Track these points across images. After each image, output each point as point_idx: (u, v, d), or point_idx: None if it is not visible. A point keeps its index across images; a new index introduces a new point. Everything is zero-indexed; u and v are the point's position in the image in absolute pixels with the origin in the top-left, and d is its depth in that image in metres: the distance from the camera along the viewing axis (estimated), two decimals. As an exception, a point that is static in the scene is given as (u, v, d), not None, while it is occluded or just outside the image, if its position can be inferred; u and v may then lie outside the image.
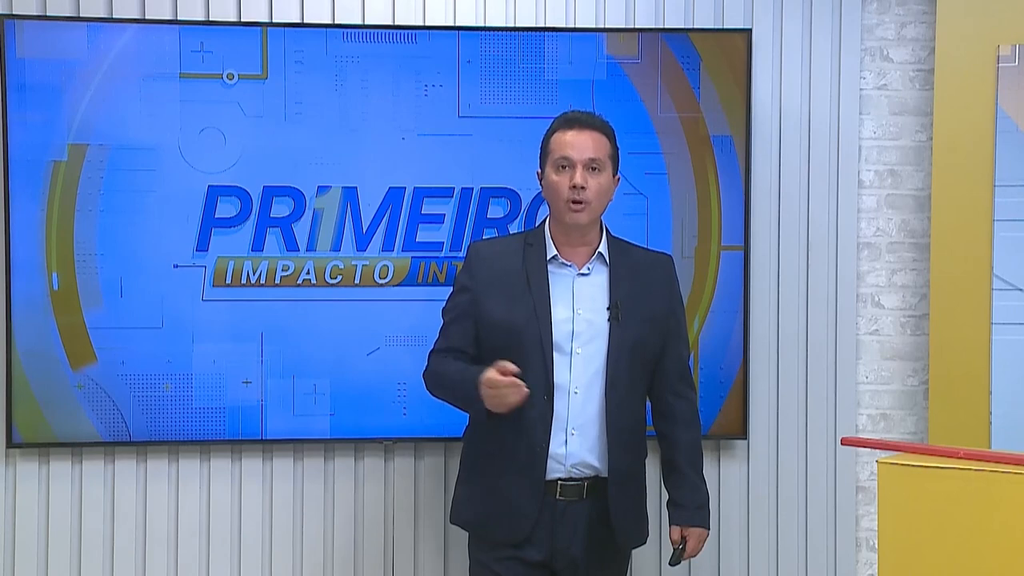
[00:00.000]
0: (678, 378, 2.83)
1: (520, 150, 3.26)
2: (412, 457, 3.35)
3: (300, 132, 3.23)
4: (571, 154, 2.68)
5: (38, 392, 3.17)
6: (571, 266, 2.73)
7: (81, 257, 3.18)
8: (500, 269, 2.74)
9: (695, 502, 2.81)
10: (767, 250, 3.40)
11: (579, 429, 2.68)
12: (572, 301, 2.70)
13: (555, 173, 2.70)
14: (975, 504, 2.01)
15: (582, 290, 2.72)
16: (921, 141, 3.44)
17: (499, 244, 2.88)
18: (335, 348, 3.25)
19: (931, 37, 3.39)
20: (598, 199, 2.70)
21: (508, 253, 2.77)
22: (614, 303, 2.70)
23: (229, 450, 3.29)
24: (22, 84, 3.14)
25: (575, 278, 2.72)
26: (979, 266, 3.21)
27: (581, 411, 2.68)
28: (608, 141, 2.73)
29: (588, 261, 2.73)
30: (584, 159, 2.67)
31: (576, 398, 2.68)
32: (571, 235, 2.73)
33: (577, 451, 2.68)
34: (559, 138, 2.71)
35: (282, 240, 3.24)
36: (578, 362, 2.68)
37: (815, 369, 3.42)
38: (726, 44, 3.32)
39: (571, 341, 2.68)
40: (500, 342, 2.69)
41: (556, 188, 2.69)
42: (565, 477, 2.69)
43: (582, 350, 2.68)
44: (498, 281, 2.73)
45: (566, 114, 2.78)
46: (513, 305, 2.70)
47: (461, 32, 3.26)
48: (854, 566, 3.44)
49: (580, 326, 2.69)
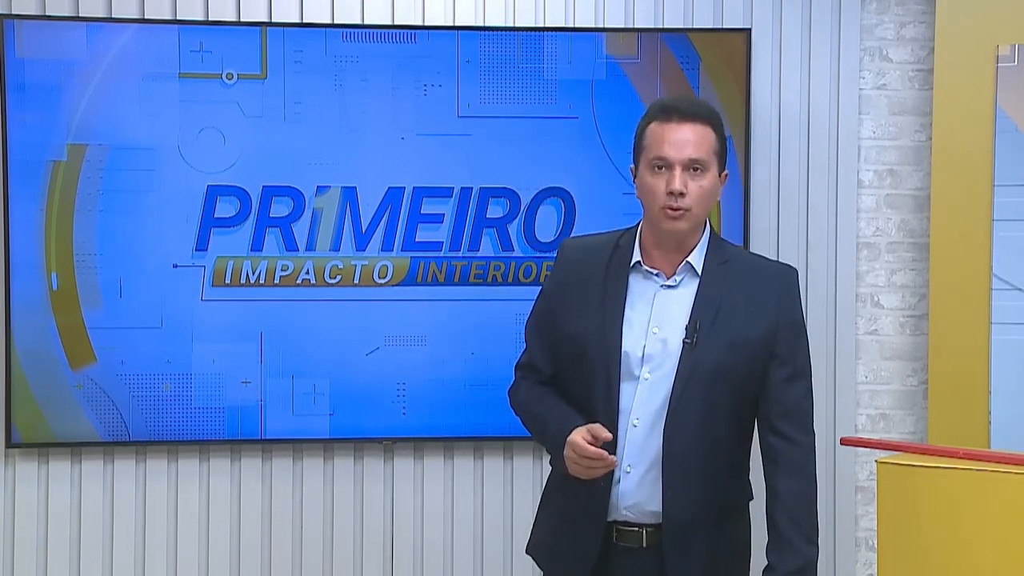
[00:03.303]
0: (781, 415, 2.31)
1: (519, 150, 3.26)
2: (412, 457, 3.35)
3: (299, 132, 3.23)
4: (669, 154, 2.26)
5: (37, 392, 3.17)
6: (657, 275, 2.32)
7: (80, 257, 3.18)
8: (582, 273, 2.37)
9: (791, 567, 2.26)
10: (766, 250, 3.38)
11: (635, 467, 2.28)
12: (649, 317, 2.30)
13: (650, 174, 2.28)
14: (974, 504, 2.01)
15: (664, 305, 2.30)
16: (920, 141, 3.44)
17: (590, 243, 2.46)
18: (334, 348, 3.25)
19: (930, 37, 3.39)
20: (700, 204, 2.28)
21: (595, 254, 2.38)
22: (693, 322, 2.27)
23: (228, 450, 3.29)
24: (21, 84, 3.14)
25: (658, 290, 2.31)
26: (978, 266, 3.21)
27: (640, 447, 2.28)
28: (713, 133, 2.31)
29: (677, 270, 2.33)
30: (684, 159, 2.26)
31: (635, 431, 2.28)
32: (665, 241, 2.31)
33: (631, 492, 2.28)
34: (655, 131, 2.29)
35: (281, 240, 3.24)
36: (643, 389, 2.28)
37: (815, 369, 3.33)
38: (725, 44, 3.32)
39: (641, 365, 2.28)
40: (568, 357, 2.35)
41: (651, 192, 2.27)
42: (622, 520, 2.30)
43: (651, 376, 2.28)
44: (578, 287, 2.36)
45: (663, 101, 2.36)
46: (585, 317, 2.32)
47: (460, 32, 3.26)
48: (853, 566, 3.44)
49: (653, 347, 2.28)
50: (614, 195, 3.26)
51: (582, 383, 2.32)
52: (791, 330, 2.35)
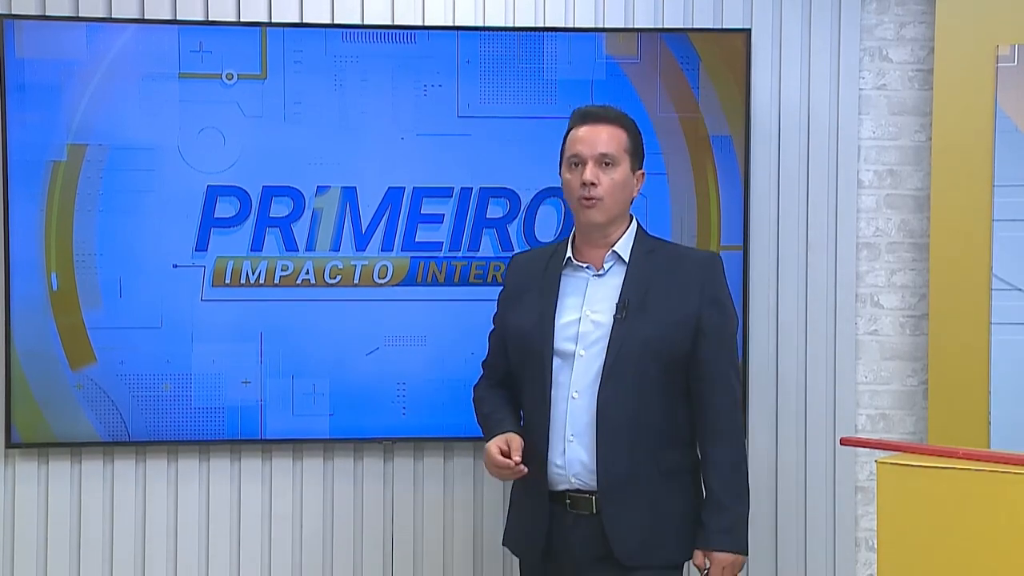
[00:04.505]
0: (707, 384, 2.56)
1: (519, 150, 3.26)
2: (412, 457, 3.35)
3: (299, 132, 3.23)
4: (581, 150, 2.56)
5: (37, 392, 3.17)
6: (587, 267, 2.60)
7: (80, 257, 3.18)
8: (525, 278, 2.68)
9: (719, 524, 2.51)
10: (766, 250, 3.40)
11: (577, 436, 2.53)
12: (582, 303, 2.58)
13: (568, 171, 2.60)
14: (974, 504, 2.01)
15: (595, 291, 2.58)
16: (920, 141, 3.44)
17: (534, 253, 2.80)
18: (334, 348, 3.25)
19: (930, 37, 3.39)
20: (611, 195, 2.55)
21: (537, 262, 2.69)
22: (623, 299, 2.54)
23: (228, 450, 3.29)
24: (21, 84, 3.14)
25: (590, 279, 2.60)
26: (978, 266, 3.21)
27: (579, 416, 2.53)
28: (625, 133, 2.59)
29: (605, 259, 2.61)
30: (595, 154, 2.55)
31: (575, 403, 2.53)
32: (590, 235, 2.60)
33: (576, 459, 2.53)
34: (572, 135, 2.61)
35: (281, 240, 3.24)
36: (580, 365, 2.54)
37: (814, 369, 3.42)
38: (725, 44, 3.32)
39: (575, 343, 2.55)
40: (514, 350, 2.66)
41: (569, 186, 2.60)
42: (572, 488, 2.54)
43: (585, 352, 2.54)
44: (521, 291, 2.67)
45: (579, 109, 2.66)
46: (525, 313, 2.62)
47: (460, 32, 3.26)
48: (853, 566, 3.43)
49: (586, 327, 2.55)
50: (614, 195, 3.26)
51: (526, 368, 2.60)
52: (713, 307, 2.58)
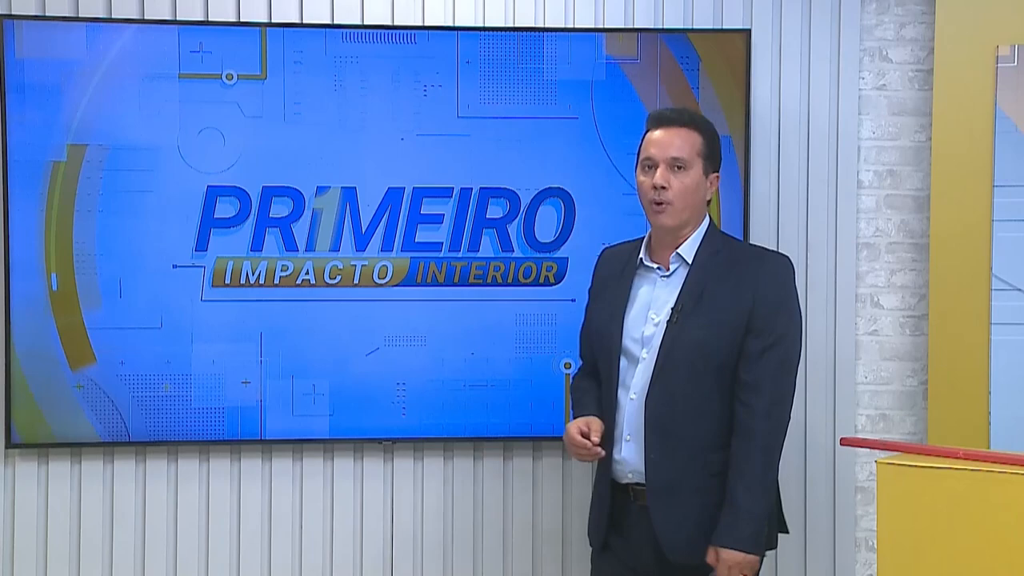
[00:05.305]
0: (748, 385, 2.56)
1: (519, 150, 3.26)
2: (412, 457, 3.35)
3: (299, 132, 3.23)
4: (654, 153, 2.61)
5: (37, 393, 3.17)
6: (657, 268, 2.67)
7: (80, 257, 3.18)
8: (608, 274, 2.76)
9: (727, 522, 2.54)
10: (766, 250, 3.39)
11: (633, 435, 2.62)
12: (648, 305, 2.65)
13: (641, 174, 2.65)
14: (974, 504, 2.01)
15: (660, 293, 2.65)
16: (920, 141, 3.44)
17: (619, 248, 2.83)
18: (334, 348, 3.25)
19: (930, 37, 3.39)
20: (682, 199, 2.60)
21: (618, 258, 2.76)
22: (678, 303, 2.60)
23: (228, 450, 3.29)
24: (21, 84, 3.14)
25: (656, 280, 2.66)
26: (978, 266, 3.22)
27: (634, 418, 2.62)
28: (699, 137, 2.63)
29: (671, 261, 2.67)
30: (667, 158, 2.59)
31: (632, 404, 2.62)
32: (662, 237, 2.67)
33: (631, 458, 2.63)
34: (647, 138, 2.65)
35: (281, 240, 3.24)
36: (642, 367, 2.62)
37: (814, 369, 3.42)
38: (725, 44, 3.32)
39: (641, 346, 2.62)
40: (595, 346, 2.74)
41: (641, 189, 2.64)
42: (634, 483, 2.64)
43: (647, 355, 2.61)
44: (605, 287, 2.75)
45: (654, 112, 2.72)
46: (602, 312, 2.71)
47: (460, 32, 3.26)
48: (853, 566, 3.44)
49: (649, 331, 2.62)
50: (614, 195, 3.26)
51: (601, 364, 2.70)
52: (768, 305, 2.57)
